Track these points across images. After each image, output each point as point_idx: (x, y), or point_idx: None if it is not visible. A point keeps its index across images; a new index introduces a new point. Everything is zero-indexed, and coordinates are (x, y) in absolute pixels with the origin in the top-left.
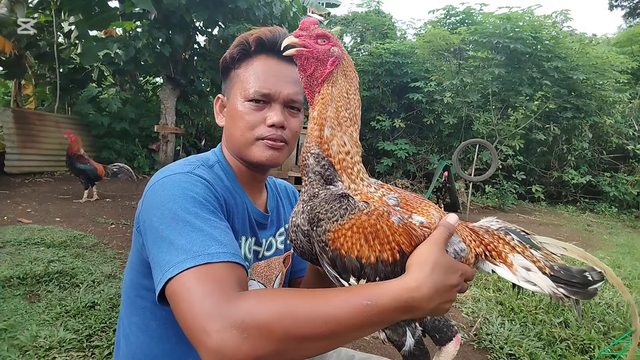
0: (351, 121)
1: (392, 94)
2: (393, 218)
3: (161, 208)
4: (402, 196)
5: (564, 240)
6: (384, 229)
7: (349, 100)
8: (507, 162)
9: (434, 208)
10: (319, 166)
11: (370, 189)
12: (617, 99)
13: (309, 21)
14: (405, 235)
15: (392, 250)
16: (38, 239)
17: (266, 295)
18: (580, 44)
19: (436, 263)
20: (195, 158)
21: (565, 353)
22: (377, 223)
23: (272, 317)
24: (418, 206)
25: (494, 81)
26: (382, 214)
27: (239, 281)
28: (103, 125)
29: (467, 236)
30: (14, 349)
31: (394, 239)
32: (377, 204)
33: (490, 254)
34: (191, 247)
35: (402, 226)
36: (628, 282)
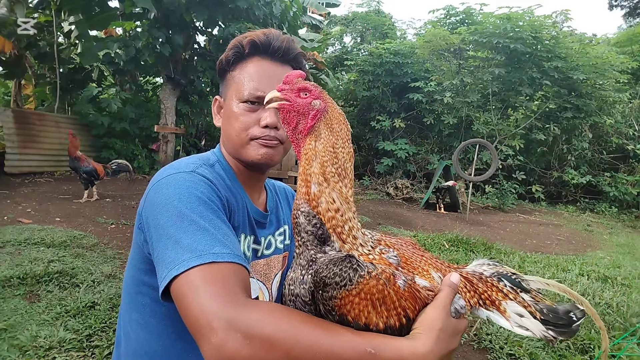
0: (340, 176)
1: (392, 94)
2: (399, 282)
3: (166, 206)
4: (401, 254)
5: (564, 240)
6: (390, 295)
7: (336, 155)
8: (507, 162)
9: (433, 265)
10: (311, 225)
11: (366, 248)
12: (617, 99)
13: (294, 75)
14: (411, 299)
15: (399, 315)
16: (38, 239)
17: (276, 311)
18: (580, 44)
19: (442, 329)
20: (196, 157)
21: (565, 353)
22: (385, 288)
23: (277, 333)
24: (418, 265)
25: (494, 81)
26: (389, 277)
27: (243, 283)
28: (103, 125)
29: (463, 287)
30: (14, 349)
31: (400, 304)
32: (382, 266)
33: (484, 302)
34: (197, 246)
35: (408, 290)
36: (628, 282)
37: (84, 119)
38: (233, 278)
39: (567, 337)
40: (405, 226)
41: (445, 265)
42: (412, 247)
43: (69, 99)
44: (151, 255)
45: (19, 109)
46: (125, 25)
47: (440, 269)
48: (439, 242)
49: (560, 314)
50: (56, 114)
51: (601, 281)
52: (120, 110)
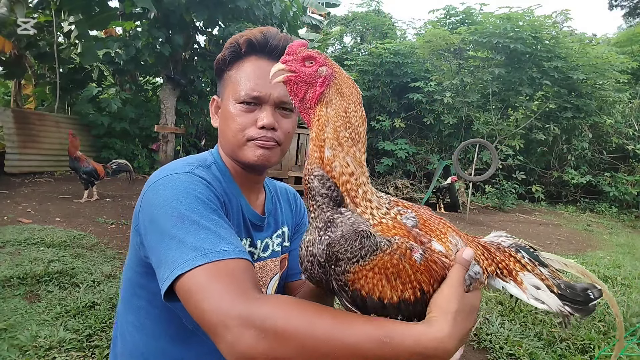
0: (353, 140)
1: (392, 94)
2: (415, 255)
3: (165, 207)
4: (420, 215)
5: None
6: (406, 269)
7: (349, 119)
8: (507, 162)
9: (452, 228)
10: (325, 188)
11: (381, 210)
12: (617, 99)
13: (296, 44)
14: (427, 273)
15: (414, 289)
16: (38, 239)
17: (287, 304)
18: (580, 44)
19: (459, 311)
20: (193, 159)
21: (565, 353)
22: (400, 263)
23: (290, 327)
24: (436, 228)
25: (494, 81)
26: (405, 252)
27: (252, 278)
28: (103, 125)
29: (480, 255)
30: (14, 348)
31: (416, 277)
32: (399, 240)
33: (501, 271)
34: (201, 244)
35: (424, 263)
36: (628, 282)
37: (84, 119)
38: (241, 274)
39: (584, 315)
40: None
41: (463, 233)
42: (430, 211)
43: (69, 99)
44: (148, 258)
45: (19, 109)
46: (125, 25)
47: (459, 233)
48: None
49: (577, 290)
50: (56, 114)
51: (601, 281)
52: (120, 110)
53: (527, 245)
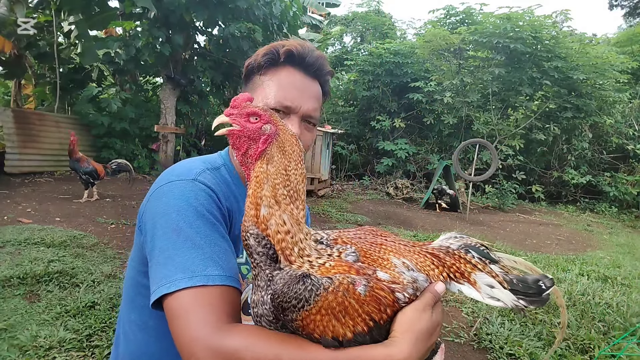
0: (291, 198)
1: (392, 94)
2: (359, 288)
3: (164, 217)
4: (360, 248)
5: (564, 240)
6: (352, 304)
7: (289, 177)
8: (507, 162)
9: (394, 251)
10: (261, 246)
11: (321, 259)
12: (617, 99)
13: (241, 98)
14: (374, 302)
15: (365, 320)
16: (38, 239)
17: (257, 335)
18: (580, 44)
19: (421, 331)
20: (201, 160)
21: (565, 353)
22: (345, 300)
23: (257, 358)
24: (378, 257)
25: (494, 81)
26: (348, 287)
27: (232, 305)
28: (103, 125)
29: (430, 264)
30: (14, 348)
31: (364, 310)
32: (340, 277)
33: (454, 275)
34: (189, 265)
35: (369, 293)
36: (628, 282)
37: (84, 119)
38: (222, 303)
39: (538, 306)
40: (405, 226)
41: (410, 245)
42: (371, 236)
43: (69, 99)
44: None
45: (19, 109)
46: (125, 25)
47: (401, 253)
48: None
49: (529, 283)
50: (56, 114)
51: (601, 281)
52: (120, 110)
53: (477, 243)
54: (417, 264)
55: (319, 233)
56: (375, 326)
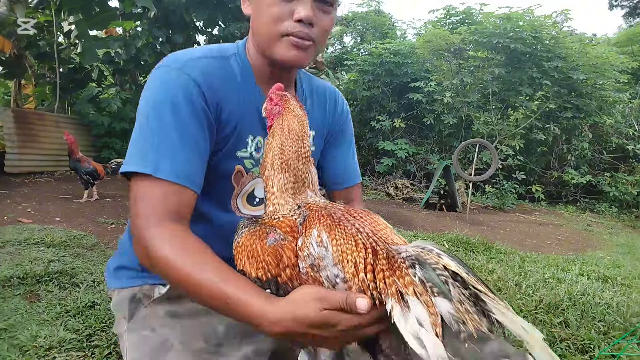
0: (282, 169)
1: (392, 94)
2: (268, 240)
3: (143, 100)
4: (315, 215)
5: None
6: (257, 249)
7: (283, 151)
8: (507, 162)
9: (334, 227)
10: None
11: (285, 210)
12: (617, 99)
13: (275, 87)
14: (273, 257)
15: (264, 269)
16: (38, 238)
17: (172, 240)
18: (580, 44)
19: (306, 315)
20: (209, 48)
21: (565, 353)
22: (254, 243)
23: (162, 258)
24: (312, 225)
25: (494, 81)
26: (261, 234)
27: (170, 206)
28: (103, 125)
29: (358, 256)
30: (14, 348)
31: (264, 259)
32: (264, 226)
33: (384, 282)
34: (146, 153)
35: (272, 248)
36: (628, 282)
37: (84, 119)
38: (162, 200)
39: None
40: (406, 226)
41: (367, 235)
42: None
43: (69, 99)
44: None
45: (19, 109)
46: (125, 25)
47: (343, 233)
48: (439, 242)
49: (482, 352)
50: (56, 114)
51: (601, 281)
52: (120, 110)
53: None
54: (342, 250)
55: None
56: (272, 280)
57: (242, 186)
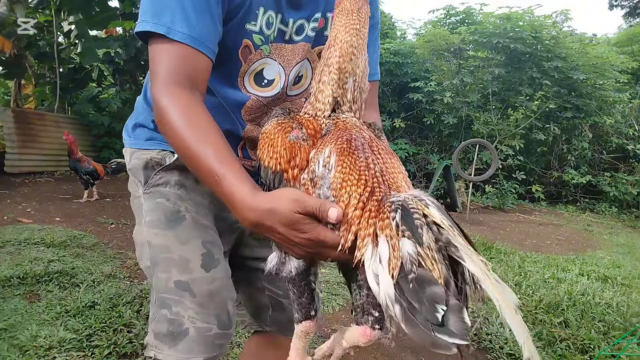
0: (328, 68)
1: (392, 94)
2: (291, 134)
3: None
4: (341, 131)
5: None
6: (277, 140)
7: (356, 64)
8: (507, 162)
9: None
10: None
11: (310, 115)
12: (617, 99)
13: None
14: (288, 151)
15: (276, 160)
16: (38, 238)
17: (183, 108)
18: (580, 44)
19: (282, 213)
20: None
21: (565, 353)
22: (277, 133)
23: (170, 123)
24: (327, 144)
25: (494, 81)
26: (286, 127)
27: (187, 70)
28: (103, 125)
29: (355, 191)
30: (14, 348)
31: (280, 150)
32: (292, 121)
33: (367, 222)
34: (163, 13)
35: (291, 143)
36: (628, 282)
37: (84, 119)
38: (179, 63)
39: (415, 334)
40: None
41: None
42: (366, 138)
43: (69, 99)
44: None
45: (19, 109)
46: (125, 25)
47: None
48: None
49: (423, 295)
50: (56, 114)
51: (601, 281)
52: (120, 110)
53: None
54: (343, 179)
55: (345, 113)
56: (279, 174)
57: (250, 63)
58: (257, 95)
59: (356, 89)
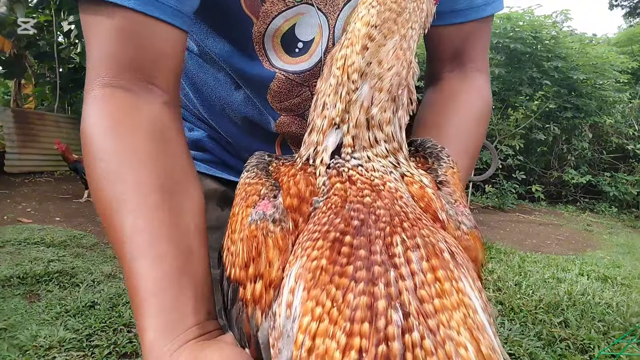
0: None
1: None
2: (254, 211)
3: None
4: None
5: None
6: (238, 218)
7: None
8: (507, 162)
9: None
10: None
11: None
12: (617, 99)
13: None
14: (246, 245)
15: (229, 259)
16: (38, 238)
17: (107, 121)
18: (580, 44)
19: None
20: None
21: (565, 353)
22: (239, 204)
23: (86, 140)
24: (300, 253)
25: (494, 81)
26: (251, 195)
27: (136, 54)
28: None
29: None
30: (14, 348)
31: (236, 243)
32: (267, 183)
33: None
34: None
35: (251, 231)
36: (628, 282)
37: None
38: (120, 42)
39: None
40: None
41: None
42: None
43: (69, 99)
44: None
45: (19, 109)
46: None
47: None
48: None
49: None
50: (56, 113)
51: (601, 281)
52: None
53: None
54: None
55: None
56: (233, 286)
57: (267, 18)
58: (284, 70)
59: (379, 103)
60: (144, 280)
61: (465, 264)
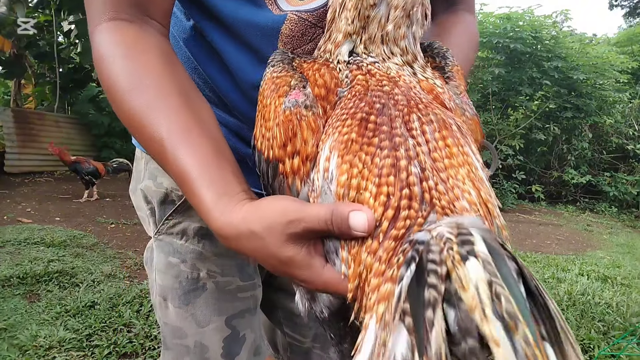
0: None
1: None
2: (286, 99)
3: None
4: (351, 107)
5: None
6: (269, 108)
7: None
8: (507, 162)
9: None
10: None
11: (342, 51)
12: (617, 99)
13: None
14: (283, 128)
15: (268, 142)
16: (38, 238)
17: (120, 44)
18: (580, 44)
19: (268, 251)
20: None
21: None
22: (270, 96)
23: (101, 63)
24: (331, 130)
25: (494, 81)
26: (282, 86)
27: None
28: (103, 124)
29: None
30: (14, 348)
31: (271, 127)
32: (295, 75)
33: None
34: None
35: (286, 116)
36: (628, 282)
37: (84, 119)
38: None
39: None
40: None
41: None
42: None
43: (69, 99)
44: None
45: (19, 109)
46: None
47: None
48: None
49: None
50: (56, 113)
51: (601, 281)
52: None
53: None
54: (350, 196)
55: (374, 56)
56: (272, 164)
57: None
58: (296, 11)
59: (394, 19)
60: (189, 164)
61: (469, 134)
